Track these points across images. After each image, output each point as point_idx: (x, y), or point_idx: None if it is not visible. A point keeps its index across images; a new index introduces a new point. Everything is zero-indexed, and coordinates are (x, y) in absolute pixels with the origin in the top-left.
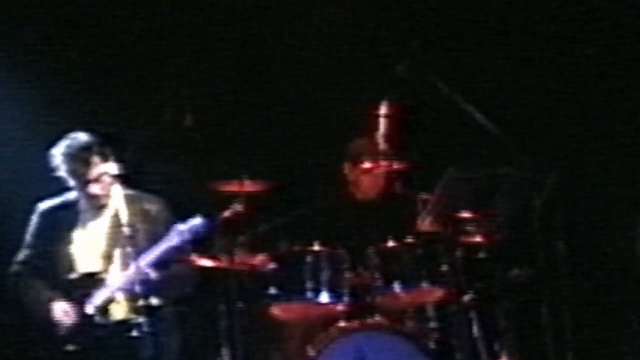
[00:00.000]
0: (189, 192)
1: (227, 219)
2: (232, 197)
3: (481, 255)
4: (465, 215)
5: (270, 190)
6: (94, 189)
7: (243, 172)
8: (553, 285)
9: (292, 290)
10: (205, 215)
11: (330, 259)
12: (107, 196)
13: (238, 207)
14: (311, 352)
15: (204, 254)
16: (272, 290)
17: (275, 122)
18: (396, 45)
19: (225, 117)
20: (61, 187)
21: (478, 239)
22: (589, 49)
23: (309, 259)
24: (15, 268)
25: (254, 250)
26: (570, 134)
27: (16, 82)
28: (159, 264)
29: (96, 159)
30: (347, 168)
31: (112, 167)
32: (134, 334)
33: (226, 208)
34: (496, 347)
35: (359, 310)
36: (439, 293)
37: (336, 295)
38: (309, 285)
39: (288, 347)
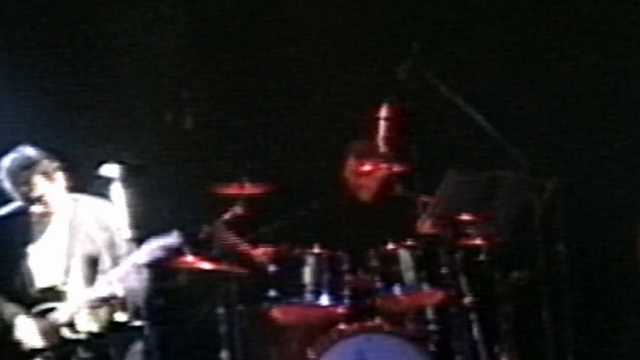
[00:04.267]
0: (189, 194)
1: (227, 222)
2: (232, 200)
3: (481, 258)
4: (465, 217)
5: (270, 192)
6: (37, 208)
7: (243, 175)
8: (553, 288)
9: (292, 292)
10: (182, 229)
11: (330, 261)
12: (53, 212)
13: (238, 210)
14: (311, 355)
15: (204, 256)
16: (272, 293)
17: (275, 125)
18: (396, 47)
19: (225, 119)
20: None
21: (478, 242)
22: (589, 52)
23: (309, 261)
24: None
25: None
26: (570, 137)
27: (16, 85)
28: (124, 278)
29: (37, 179)
30: (347, 170)
31: (58, 183)
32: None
33: (226, 210)
34: (496, 349)
35: (359, 312)
36: (439, 295)
37: (336, 298)
38: (309, 287)
39: (288, 350)
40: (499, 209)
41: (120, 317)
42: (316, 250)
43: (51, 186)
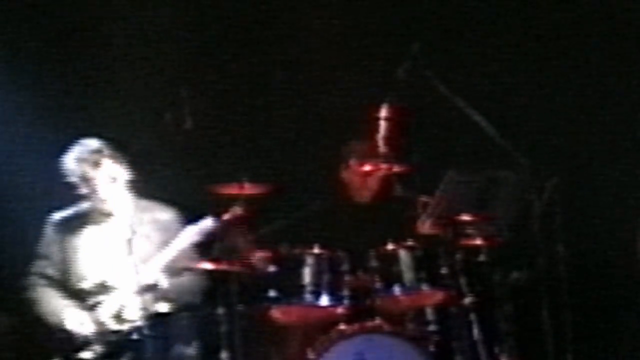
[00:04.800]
0: (189, 194)
1: (227, 222)
2: (232, 200)
3: (481, 258)
4: (465, 217)
5: (270, 192)
6: (104, 192)
7: (243, 175)
8: (553, 288)
9: (292, 292)
10: (214, 216)
11: (330, 262)
12: (117, 201)
13: (238, 210)
14: (311, 355)
15: (204, 256)
16: (272, 293)
17: (275, 125)
18: (396, 47)
19: (225, 119)
20: (62, 197)
21: (478, 242)
22: (589, 52)
23: (308, 261)
24: (29, 279)
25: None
26: (570, 137)
27: (14, 88)
28: (169, 269)
29: (106, 162)
30: (347, 170)
31: (123, 172)
32: (134, 337)
33: (226, 211)
34: (496, 349)
35: (358, 312)
36: (438, 296)
37: (336, 298)
38: (309, 287)
39: (288, 350)
40: (498, 209)
41: (164, 307)
42: (316, 250)
43: (118, 174)
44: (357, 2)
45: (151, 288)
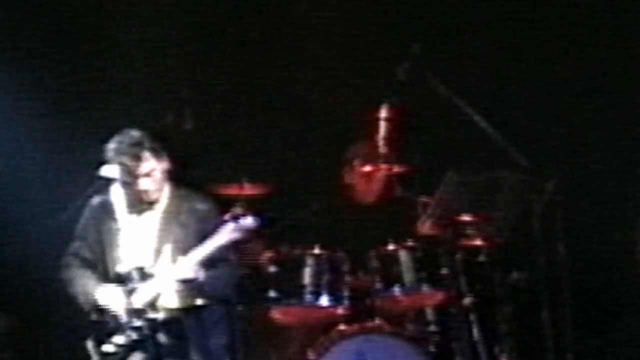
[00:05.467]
0: None
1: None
2: (232, 200)
3: (481, 258)
4: (465, 218)
5: (270, 193)
6: (144, 183)
7: (243, 175)
8: (553, 289)
9: (292, 293)
10: (255, 213)
11: (330, 262)
12: (157, 191)
13: (238, 211)
14: (311, 356)
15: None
16: (272, 293)
17: (275, 125)
18: (397, 48)
19: (226, 120)
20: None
21: (478, 242)
22: (589, 52)
23: (309, 261)
24: (65, 259)
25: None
26: (570, 138)
27: (15, 85)
28: (206, 263)
29: (146, 154)
30: (347, 171)
31: (163, 163)
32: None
33: (226, 211)
34: (496, 350)
35: (358, 313)
36: (439, 296)
37: (336, 298)
38: (309, 288)
39: (288, 350)
40: (498, 209)
41: (200, 300)
42: (316, 251)
43: (158, 165)
44: (357, 2)
45: (187, 280)
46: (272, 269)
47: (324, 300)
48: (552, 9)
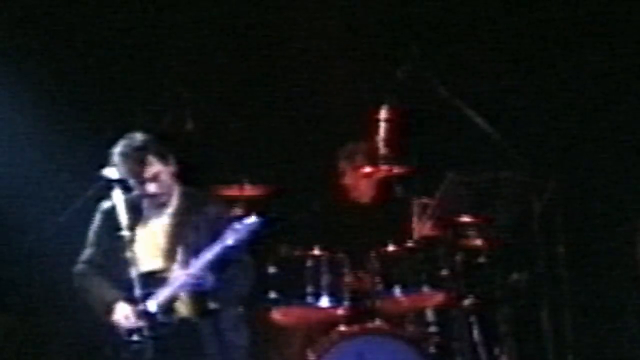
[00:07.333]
0: None
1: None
2: (232, 201)
3: (481, 260)
4: (465, 219)
5: (270, 194)
6: (151, 187)
7: (243, 177)
8: (552, 290)
9: (292, 294)
10: (259, 214)
11: (330, 263)
12: (166, 194)
13: (238, 212)
14: (311, 356)
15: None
16: (272, 294)
17: (275, 126)
18: (396, 49)
19: (226, 121)
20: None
21: (478, 243)
22: (589, 53)
23: (309, 263)
24: (79, 267)
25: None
26: (570, 139)
27: (15, 87)
28: (215, 265)
29: (152, 158)
30: (347, 172)
31: (170, 166)
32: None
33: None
34: (496, 351)
35: (359, 314)
36: (439, 297)
37: (336, 299)
38: (309, 289)
39: (288, 351)
40: (498, 210)
41: (212, 304)
42: (316, 251)
43: (164, 169)
44: (357, 2)
45: (198, 283)
46: (272, 270)
47: (324, 301)
48: (552, 8)
